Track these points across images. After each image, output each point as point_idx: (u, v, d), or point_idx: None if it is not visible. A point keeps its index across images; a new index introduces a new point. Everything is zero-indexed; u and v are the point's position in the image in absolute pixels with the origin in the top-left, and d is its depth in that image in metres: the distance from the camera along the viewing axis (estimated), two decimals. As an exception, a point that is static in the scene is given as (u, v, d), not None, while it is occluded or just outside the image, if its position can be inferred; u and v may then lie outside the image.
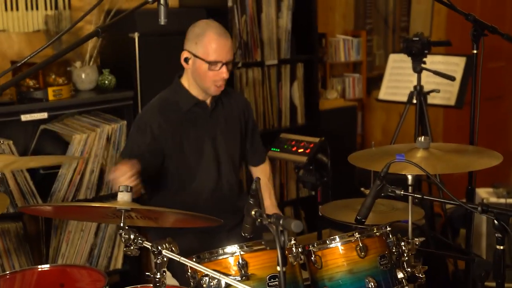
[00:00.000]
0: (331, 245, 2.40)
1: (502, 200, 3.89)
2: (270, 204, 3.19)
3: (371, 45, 5.72)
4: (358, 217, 2.42)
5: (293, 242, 2.28)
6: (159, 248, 2.08)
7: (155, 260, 2.10)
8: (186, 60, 2.92)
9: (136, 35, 3.62)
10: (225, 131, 3.04)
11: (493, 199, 3.90)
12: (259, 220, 1.95)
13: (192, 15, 3.89)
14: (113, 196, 3.70)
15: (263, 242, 1.99)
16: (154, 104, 2.99)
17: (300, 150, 3.73)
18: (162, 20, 2.05)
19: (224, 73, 2.89)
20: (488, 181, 4.05)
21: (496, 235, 2.19)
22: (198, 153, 2.98)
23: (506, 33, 3.44)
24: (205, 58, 2.87)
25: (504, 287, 2.24)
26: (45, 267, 2.82)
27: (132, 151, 2.89)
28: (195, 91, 2.98)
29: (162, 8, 2.04)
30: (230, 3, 4.14)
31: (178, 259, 2.08)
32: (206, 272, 2.16)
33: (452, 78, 3.61)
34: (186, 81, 2.99)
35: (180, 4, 4.32)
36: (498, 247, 2.20)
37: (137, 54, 3.64)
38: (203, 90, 2.96)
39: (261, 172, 3.27)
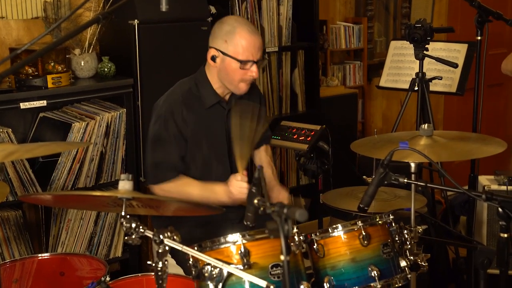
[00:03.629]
0: (333, 234, 2.39)
1: (503, 188, 3.87)
2: (277, 184, 3.11)
3: (372, 32, 5.68)
4: (361, 205, 2.41)
5: (295, 230, 2.26)
6: (161, 237, 2.07)
7: (157, 249, 2.08)
8: (213, 58, 2.84)
9: (136, 22, 3.58)
10: (240, 129, 2.98)
11: (495, 187, 3.87)
12: (262, 208, 1.93)
13: (192, 2, 3.87)
14: (112, 185, 3.69)
15: (266, 231, 1.97)
16: (177, 94, 2.91)
17: (301, 138, 3.71)
18: (164, 7, 2.02)
19: (254, 72, 2.83)
20: (488, 168, 4.03)
21: (500, 223, 2.19)
22: (213, 148, 2.95)
23: (510, 19, 3.42)
24: (236, 56, 2.79)
25: (507, 274, 2.23)
26: (45, 255, 2.82)
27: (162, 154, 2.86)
28: (217, 87, 2.92)
29: (163, -5, 2.01)
30: (230, -11, 4.10)
31: (180, 248, 2.06)
32: (208, 261, 2.15)
33: (454, 65, 3.59)
34: (210, 75, 2.92)
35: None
36: (502, 235, 2.19)
37: (137, 42, 3.61)
38: (230, 88, 2.90)
39: (263, 153, 3.19)
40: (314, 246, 2.38)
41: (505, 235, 2.16)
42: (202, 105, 2.91)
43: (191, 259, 2.25)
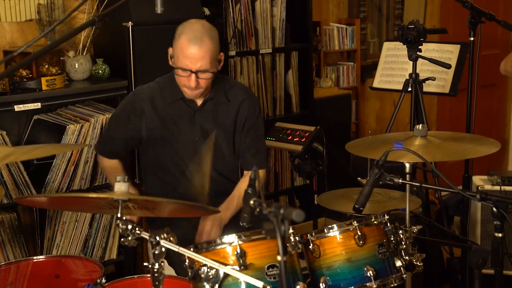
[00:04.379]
0: (329, 234, 2.40)
1: (497, 188, 3.89)
2: (217, 217, 2.84)
3: (365, 33, 5.70)
4: (356, 206, 2.42)
5: (291, 231, 2.27)
6: (157, 238, 2.07)
7: (153, 251, 2.08)
8: (171, 57, 2.85)
9: (130, 24, 3.58)
10: (212, 130, 2.95)
11: (488, 187, 3.90)
12: (258, 209, 1.93)
13: (186, 4, 3.87)
14: (107, 187, 3.68)
15: (263, 232, 1.98)
16: (147, 87, 3.00)
17: (295, 139, 3.71)
18: (159, 9, 2.03)
19: (191, 81, 2.76)
20: (481, 169, 4.06)
21: (494, 222, 2.20)
22: (183, 146, 2.95)
23: (503, 20, 3.44)
24: (175, 61, 2.79)
25: (502, 274, 2.25)
26: (40, 258, 2.81)
27: (112, 131, 3.06)
28: None
29: (158, -4, 2.01)
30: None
31: (176, 250, 2.07)
32: (205, 262, 2.15)
33: (448, 66, 3.60)
34: None
35: (173, -8, 4.28)
36: (496, 234, 2.20)
37: (131, 43, 3.61)
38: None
39: (244, 181, 3.02)
40: (310, 247, 2.39)
41: (500, 235, 2.17)
42: (164, 101, 2.93)
43: (187, 260, 2.25)
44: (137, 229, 2.12)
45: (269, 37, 4.48)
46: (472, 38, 3.57)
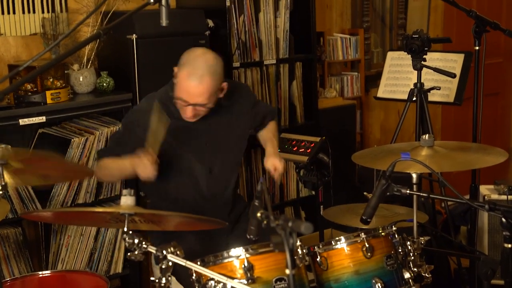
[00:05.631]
0: (336, 246, 2.39)
1: (504, 197, 3.87)
2: (272, 151, 3.06)
3: (368, 43, 5.70)
4: (364, 217, 2.40)
5: (298, 243, 2.25)
6: (164, 252, 2.05)
7: (160, 265, 2.07)
8: (175, 77, 2.81)
9: (134, 37, 3.58)
10: (219, 140, 2.96)
11: (495, 196, 3.88)
12: (265, 222, 1.92)
13: (189, 15, 3.87)
14: (112, 200, 3.67)
15: (271, 245, 1.95)
16: (154, 96, 2.95)
17: (301, 150, 3.70)
18: (164, 22, 2.02)
19: (188, 112, 2.77)
20: (486, 178, 4.04)
21: (503, 233, 2.18)
22: (187, 159, 2.94)
23: (507, 29, 3.43)
24: (176, 88, 2.77)
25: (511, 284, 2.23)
26: (46, 273, 2.80)
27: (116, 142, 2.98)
28: None
29: (163, 9, 2.00)
30: (228, 3, 4.11)
31: (183, 264, 2.05)
32: (212, 276, 2.13)
33: (452, 75, 3.59)
34: None
35: (177, 5, 4.29)
36: (506, 245, 2.18)
37: (136, 56, 3.61)
38: None
39: (267, 128, 3.21)
40: (317, 259, 2.37)
41: (509, 245, 2.16)
42: (173, 115, 2.85)
43: (194, 274, 2.23)
44: (144, 243, 2.11)
45: (273, 48, 4.48)
46: (477, 48, 3.56)
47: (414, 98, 3.71)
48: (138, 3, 3.53)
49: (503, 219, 2.13)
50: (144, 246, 2.10)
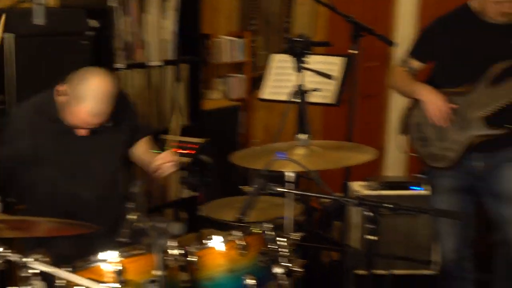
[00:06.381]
0: (209, 245, 2.40)
1: (375, 192, 4.12)
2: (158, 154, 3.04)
3: (255, 46, 5.80)
4: (239, 216, 2.45)
5: (172, 244, 2.21)
6: (24, 260, 1.98)
7: (23, 274, 2.00)
8: (60, 94, 2.77)
9: (9, 36, 3.46)
10: (99, 145, 2.93)
11: (367, 192, 4.14)
12: (138, 224, 1.92)
13: (70, 15, 3.79)
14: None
15: (143, 247, 1.96)
16: (29, 107, 2.88)
17: (184, 151, 3.73)
18: (39, 20, 1.99)
19: (83, 132, 2.80)
20: (363, 175, 4.27)
21: (367, 226, 2.30)
22: (65, 163, 2.89)
23: (381, 34, 3.62)
24: (67, 115, 2.75)
25: (373, 274, 2.35)
26: None
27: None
28: None
29: (37, 7, 1.98)
30: (112, 3, 4.07)
31: (47, 270, 1.99)
32: (79, 282, 2.08)
33: (328, 77, 3.73)
34: None
35: (61, 4, 4.19)
36: (368, 237, 2.30)
37: (9, 56, 3.47)
38: None
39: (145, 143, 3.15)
40: (191, 259, 2.36)
41: (372, 237, 2.27)
42: (49, 120, 2.83)
43: (60, 281, 2.15)
44: (4, 251, 2.02)
45: (159, 50, 4.48)
46: (352, 51, 3.72)
47: (296, 99, 3.82)
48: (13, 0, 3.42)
49: (368, 213, 2.25)
50: (4, 254, 2.01)
